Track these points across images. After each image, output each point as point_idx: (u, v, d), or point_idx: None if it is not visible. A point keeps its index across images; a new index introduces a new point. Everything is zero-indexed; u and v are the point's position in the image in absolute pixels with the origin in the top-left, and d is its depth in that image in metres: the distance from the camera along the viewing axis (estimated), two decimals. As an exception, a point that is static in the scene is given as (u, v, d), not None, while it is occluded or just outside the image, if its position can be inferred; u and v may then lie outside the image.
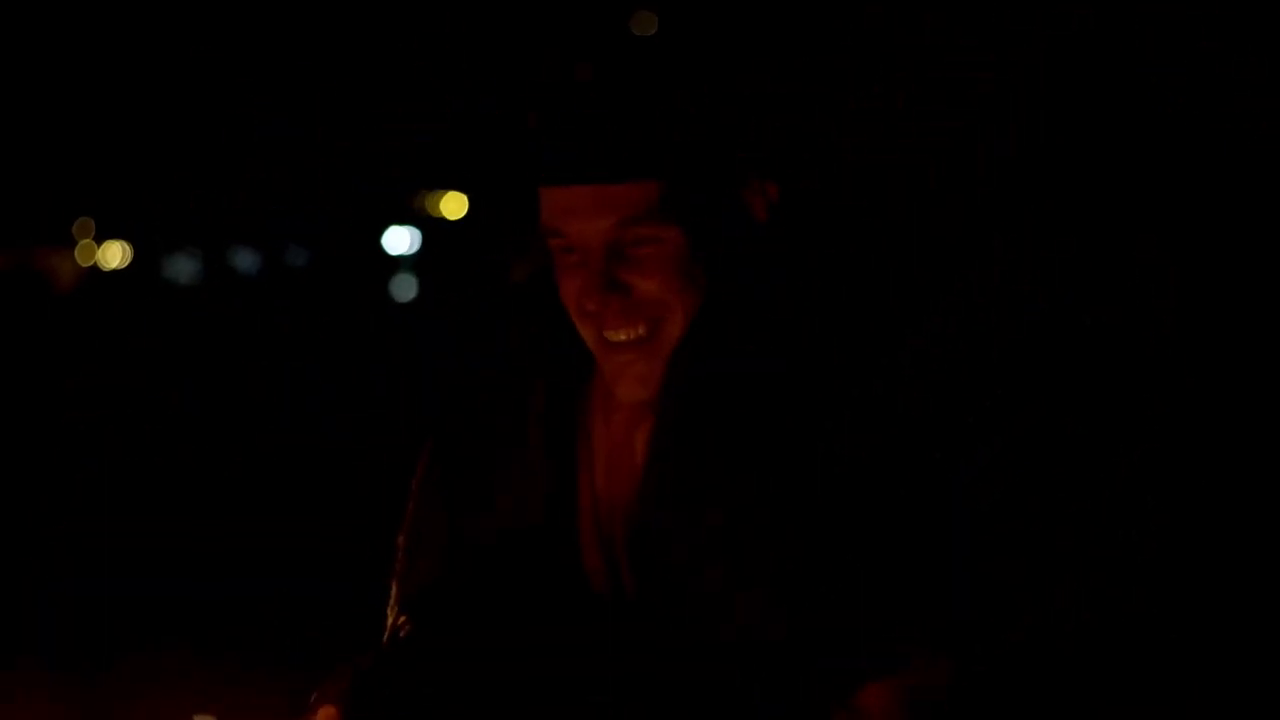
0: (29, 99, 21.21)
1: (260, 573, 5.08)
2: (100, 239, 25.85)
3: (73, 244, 25.28)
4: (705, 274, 1.56)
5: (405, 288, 24.28)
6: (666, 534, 1.55)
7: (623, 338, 1.56)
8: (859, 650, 1.48)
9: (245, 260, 26.45)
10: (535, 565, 1.61)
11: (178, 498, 6.68)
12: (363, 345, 14.19)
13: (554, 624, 1.59)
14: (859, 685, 1.49)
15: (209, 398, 10.49)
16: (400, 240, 26.52)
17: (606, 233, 1.54)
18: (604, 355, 1.58)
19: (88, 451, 8.07)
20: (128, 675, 3.57)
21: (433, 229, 26.37)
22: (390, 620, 1.70)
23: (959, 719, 1.48)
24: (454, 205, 26.34)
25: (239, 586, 4.87)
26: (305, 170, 23.75)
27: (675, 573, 1.54)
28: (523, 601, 1.60)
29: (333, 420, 9.05)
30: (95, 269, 25.47)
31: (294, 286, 24.03)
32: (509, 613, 1.61)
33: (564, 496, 1.62)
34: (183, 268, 26.12)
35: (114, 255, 26.02)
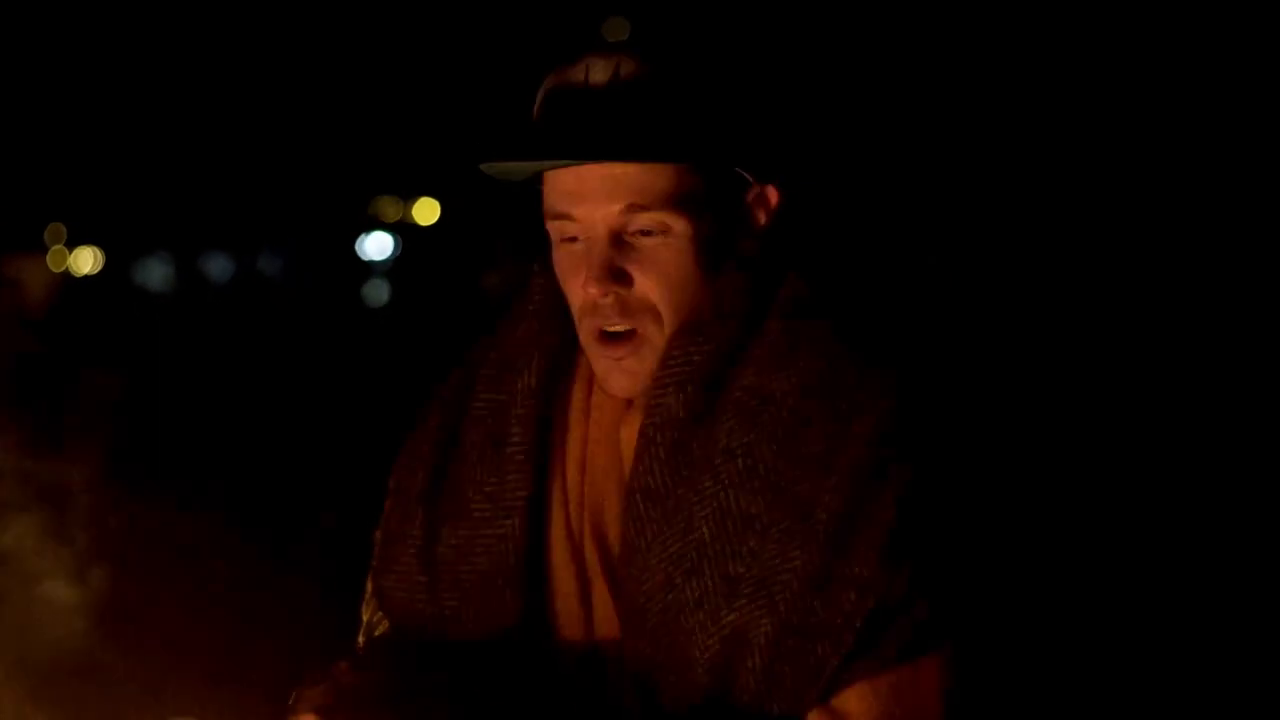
0: (0, 106, 21.11)
1: (236, 574, 5.08)
2: (72, 245, 25.75)
3: (44, 250, 25.17)
4: (704, 273, 1.54)
5: (378, 293, 24.23)
6: (654, 529, 1.54)
7: (619, 329, 1.54)
8: (839, 652, 1.46)
9: (217, 266, 26.38)
10: (506, 568, 1.61)
11: (151, 502, 6.66)
12: (336, 350, 14.16)
13: (526, 628, 1.59)
14: (839, 687, 1.47)
15: (182, 402, 10.45)
16: (375, 246, 26.47)
17: (613, 219, 1.52)
18: (597, 348, 1.56)
19: (62, 455, 8.05)
20: (106, 677, 3.57)
21: (407, 235, 26.32)
22: (365, 618, 1.70)
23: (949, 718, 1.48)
24: (426, 212, 26.29)
25: (216, 588, 4.87)
26: (278, 176, 23.68)
27: (657, 574, 1.52)
28: (493, 605, 1.60)
29: (306, 424, 9.04)
30: (67, 275, 25.36)
31: (266, 292, 23.95)
32: (481, 615, 1.61)
33: (537, 499, 1.60)
34: (154, 273, 26.03)
35: (85, 261, 25.92)
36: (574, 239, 1.55)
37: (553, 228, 1.56)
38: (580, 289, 1.54)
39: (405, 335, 14.34)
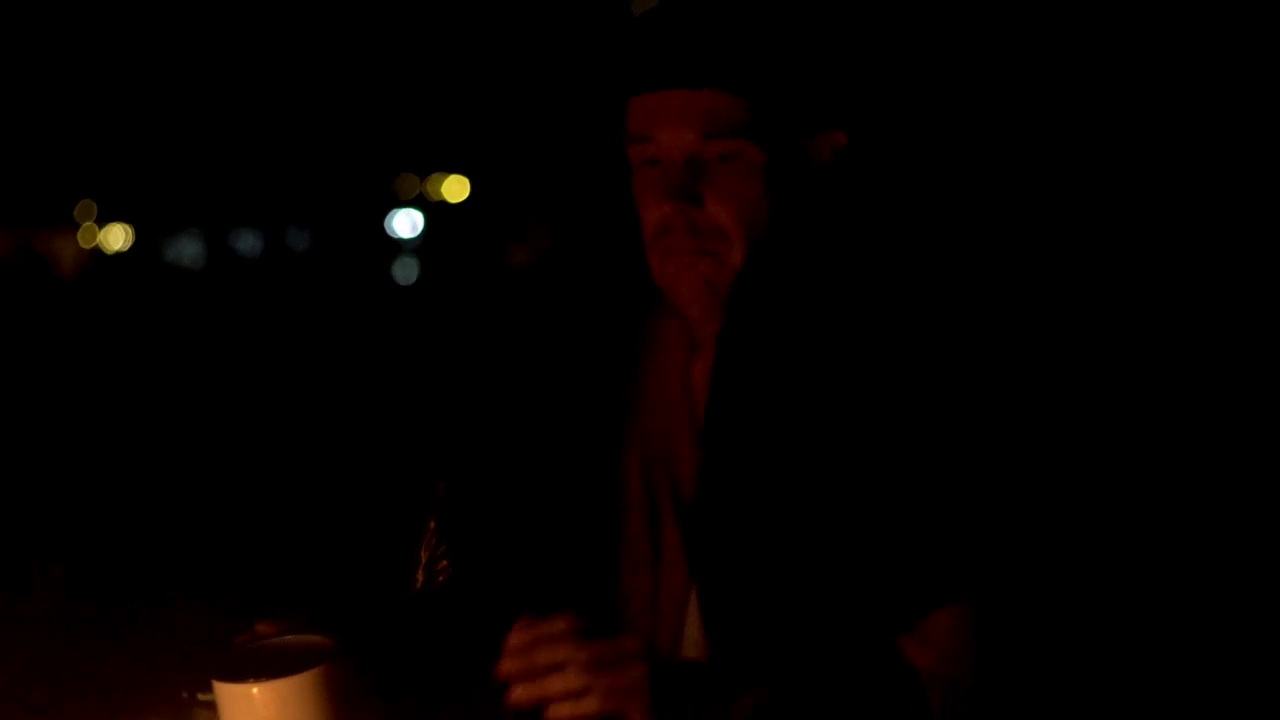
0: (31, 83, 21.20)
1: (260, 553, 5.09)
2: (102, 222, 25.86)
3: (75, 226, 25.29)
4: (771, 203, 1.60)
5: (407, 270, 24.29)
6: (728, 463, 1.58)
7: (690, 248, 1.60)
8: (923, 580, 1.51)
9: (247, 242, 26.46)
10: (577, 518, 1.65)
11: (180, 478, 6.69)
12: (365, 327, 14.20)
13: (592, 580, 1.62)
14: (925, 613, 1.52)
15: (211, 380, 10.49)
16: (404, 224, 26.52)
17: (691, 144, 1.59)
18: (670, 273, 1.62)
19: (89, 435, 8.08)
20: (130, 655, 3.59)
21: (434, 212, 26.37)
22: (424, 557, 1.72)
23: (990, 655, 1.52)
24: (456, 189, 26.33)
25: (240, 566, 4.89)
26: (307, 153, 23.73)
27: (733, 511, 1.57)
28: (560, 557, 1.64)
29: (336, 401, 9.06)
30: (98, 251, 25.48)
31: (296, 268, 24.03)
32: (547, 564, 1.64)
33: (611, 443, 1.66)
34: (185, 250, 26.13)
35: (116, 238, 26.03)
36: (653, 161, 1.62)
37: (633, 150, 1.64)
38: (655, 208, 1.61)
39: (434, 313, 14.36)
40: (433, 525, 1.70)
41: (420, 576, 1.69)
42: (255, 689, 1.49)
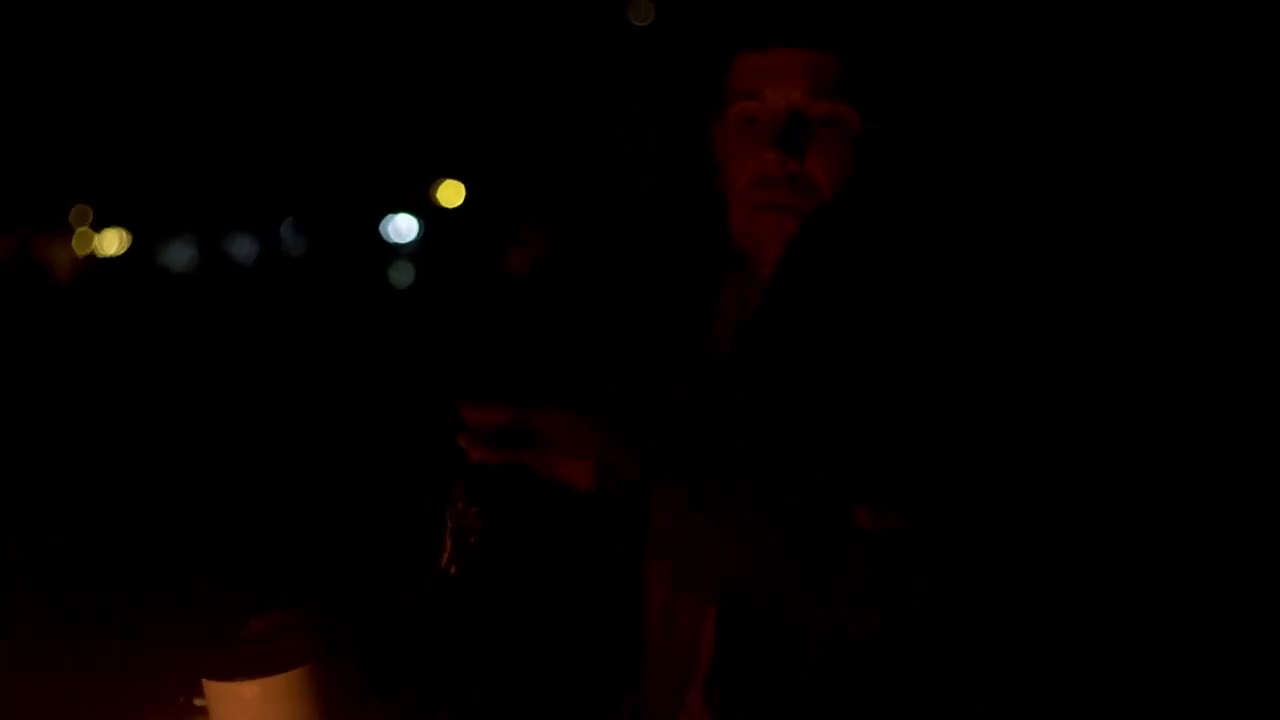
0: (25, 86, 21.17)
1: (256, 556, 5.09)
2: (97, 226, 25.81)
3: (70, 231, 25.24)
4: (866, 165, 1.66)
5: (403, 275, 24.25)
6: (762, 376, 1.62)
7: (783, 202, 1.66)
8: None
9: (243, 247, 26.41)
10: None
11: (176, 481, 6.68)
12: (361, 332, 14.18)
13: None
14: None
15: (207, 385, 10.48)
16: (399, 228, 26.48)
17: (797, 101, 1.65)
18: (760, 222, 1.67)
19: (86, 438, 8.07)
20: (126, 658, 3.58)
21: (432, 217, 26.33)
22: (450, 523, 1.72)
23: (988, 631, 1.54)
24: (451, 193, 26.29)
25: (236, 569, 4.88)
26: (303, 157, 23.71)
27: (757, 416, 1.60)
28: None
29: (329, 408, 9.05)
30: (92, 256, 25.43)
31: (292, 273, 23.99)
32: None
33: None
34: (180, 255, 26.08)
35: (111, 242, 25.98)
36: (753, 120, 1.68)
37: (738, 107, 1.70)
38: (755, 158, 1.67)
39: (431, 317, 14.34)
40: (459, 490, 1.70)
41: (448, 543, 1.69)
42: (245, 688, 1.49)
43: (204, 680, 1.50)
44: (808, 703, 1.52)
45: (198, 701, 1.57)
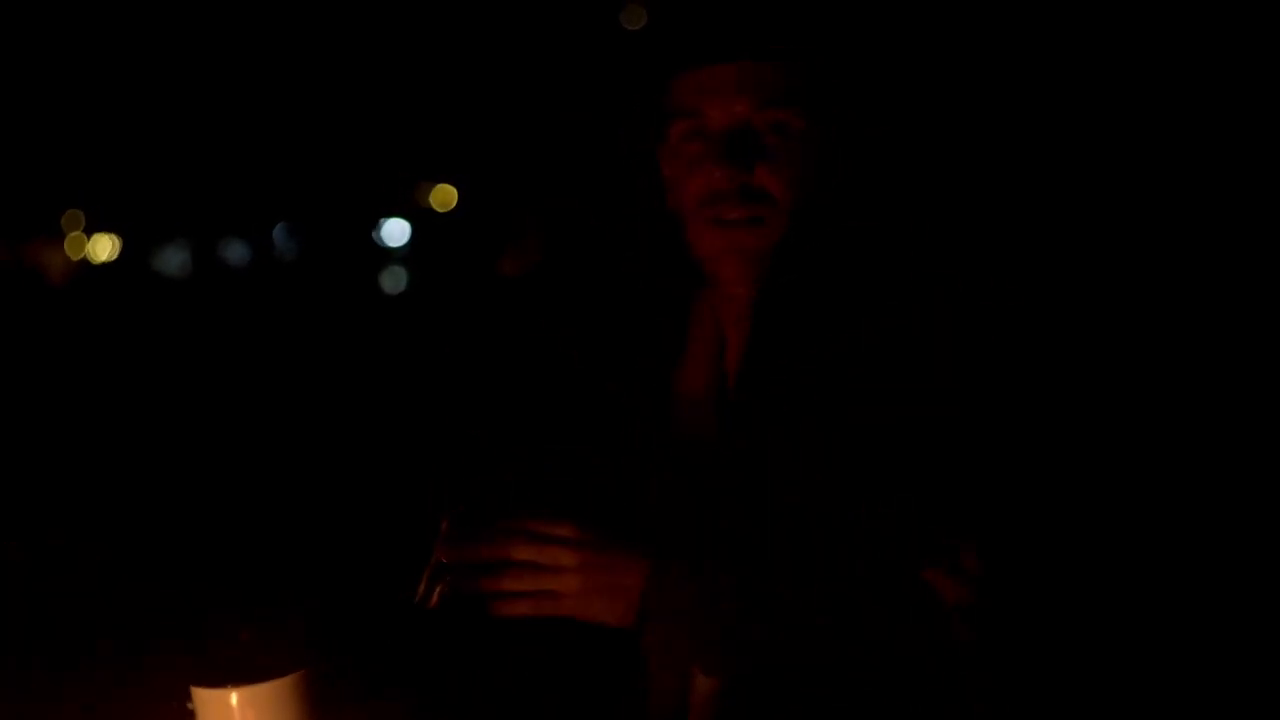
0: (17, 91, 21.15)
1: (250, 560, 5.08)
2: (90, 231, 25.79)
3: (62, 236, 25.21)
4: (818, 178, 1.63)
5: (395, 280, 24.24)
6: (762, 413, 1.60)
7: (737, 216, 1.63)
8: (958, 519, 1.53)
9: (235, 252, 26.40)
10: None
11: (169, 486, 6.68)
12: (353, 336, 14.17)
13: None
14: (960, 549, 1.54)
15: (200, 389, 10.47)
16: (391, 232, 26.48)
17: (743, 115, 1.63)
18: (715, 238, 1.66)
19: (80, 443, 8.07)
20: (120, 661, 3.58)
21: (424, 221, 26.33)
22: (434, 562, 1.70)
23: (988, 631, 1.53)
24: (443, 197, 26.28)
25: (230, 573, 4.88)
26: (295, 162, 23.71)
27: (767, 446, 1.58)
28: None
29: (323, 412, 9.04)
30: (85, 261, 25.41)
31: (284, 278, 23.99)
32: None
33: (646, 432, 1.69)
34: (172, 259, 26.06)
35: (103, 248, 25.96)
36: (697, 135, 1.66)
37: (681, 126, 1.67)
38: (704, 176, 1.64)
39: (425, 322, 14.34)
40: (446, 527, 1.68)
41: (424, 581, 1.68)
42: (234, 694, 1.49)
43: (192, 686, 1.50)
44: (808, 700, 1.52)
45: (191, 706, 1.57)
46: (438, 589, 1.62)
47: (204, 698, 1.48)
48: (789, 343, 1.61)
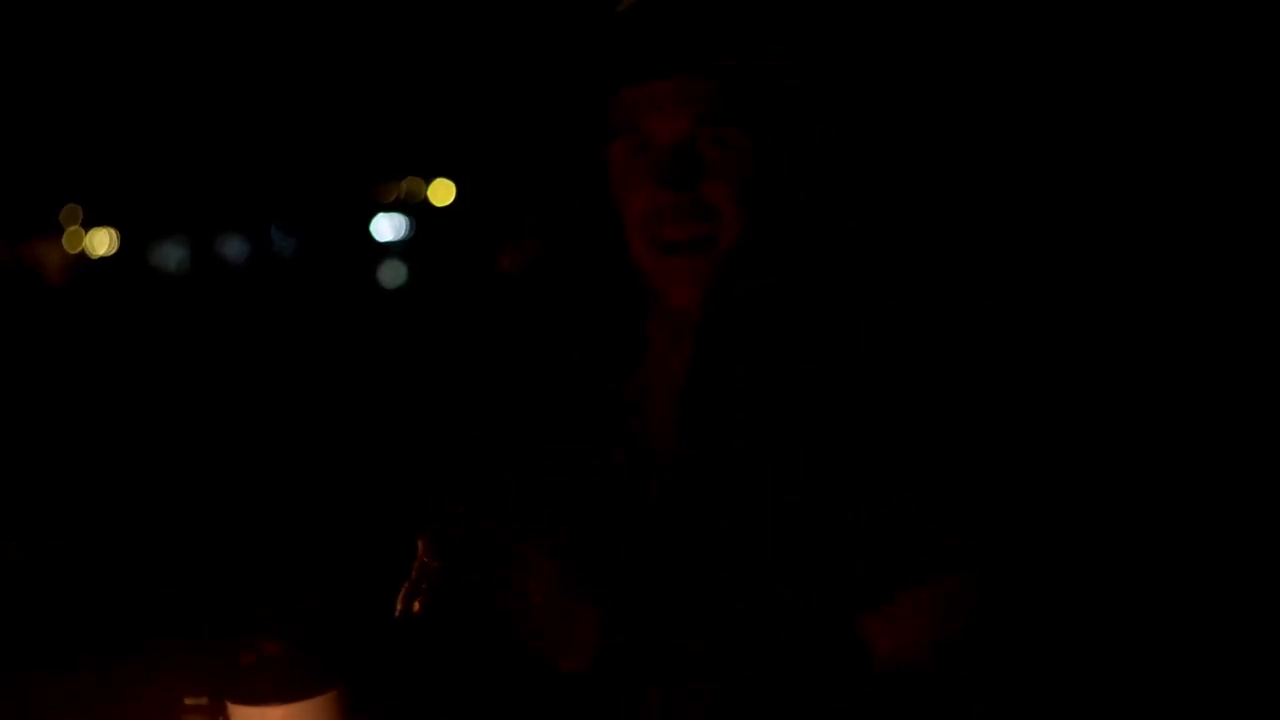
0: (14, 86, 21.14)
1: (250, 562, 5.08)
2: (88, 226, 25.79)
3: (60, 231, 25.21)
4: (763, 191, 1.61)
5: (394, 274, 24.24)
6: (708, 432, 1.59)
7: (682, 237, 1.61)
8: (893, 560, 1.52)
9: (233, 248, 26.40)
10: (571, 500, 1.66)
11: (169, 483, 6.67)
12: (351, 331, 14.17)
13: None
14: (893, 592, 1.53)
15: (198, 385, 10.47)
16: (388, 227, 26.48)
17: (684, 131, 1.60)
18: (659, 260, 1.64)
19: (80, 440, 8.06)
20: (118, 662, 3.58)
21: (422, 216, 26.33)
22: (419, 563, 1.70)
23: (988, 631, 1.53)
24: (441, 192, 26.29)
25: (230, 574, 4.88)
26: (292, 156, 23.70)
27: (712, 474, 1.57)
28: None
29: (322, 408, 9.04)
30: (83, 256, 25.40)
31: (282, 273, 23.98)
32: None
33: (601, 446, 1.67)
34: (170, 254, 26.06)
35: (101, 242, 25.96)
36: (640, 150, 1.63)
37: (622, 142, 1.65)
38: (647, 194, 1.62)
39: (423, 317, 14.33)
40: (425, 541, 1.68)
41: (401, 597, 1.67)
42: (274, 713, 1.49)
43: (229, 703, 1.50)
44: (808, 700, 1.52)
45: (189, 701, 1.57)
46: (417, 601, 1.62)
47: (242, 715, 1.48)
48: (736, 352, 1.60)
